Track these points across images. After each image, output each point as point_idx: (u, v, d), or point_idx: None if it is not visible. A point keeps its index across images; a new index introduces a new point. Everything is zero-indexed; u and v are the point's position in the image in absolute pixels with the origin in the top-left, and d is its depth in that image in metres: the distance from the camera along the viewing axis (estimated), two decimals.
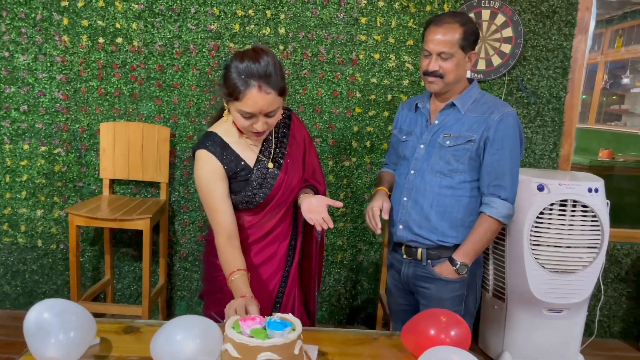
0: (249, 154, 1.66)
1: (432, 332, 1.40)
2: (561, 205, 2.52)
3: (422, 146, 1.85)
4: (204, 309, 1.82)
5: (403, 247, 1.92)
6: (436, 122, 1.84)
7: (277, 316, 1.27)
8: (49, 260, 3.00)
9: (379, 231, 1.81)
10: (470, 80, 1.88)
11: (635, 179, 4.18)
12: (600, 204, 2.54)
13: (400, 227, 1.88)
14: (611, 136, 5.20)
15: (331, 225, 1.62)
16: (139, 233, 2.95)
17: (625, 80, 5.53)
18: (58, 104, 2.85)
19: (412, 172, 1.86)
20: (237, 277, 1.50)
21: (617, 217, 2.65)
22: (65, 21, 2.78)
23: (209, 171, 1.60)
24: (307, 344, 1.40)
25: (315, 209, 1.64)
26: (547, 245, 2.55)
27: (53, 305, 1.23)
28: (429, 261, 1.86)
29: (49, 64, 2.81)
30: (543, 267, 2.56)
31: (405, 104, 2.04)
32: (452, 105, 1.82)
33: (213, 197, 1.60)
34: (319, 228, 1.63)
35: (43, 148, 2.88)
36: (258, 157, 1.67)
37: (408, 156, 1.89)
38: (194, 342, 1.18)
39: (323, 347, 1.44)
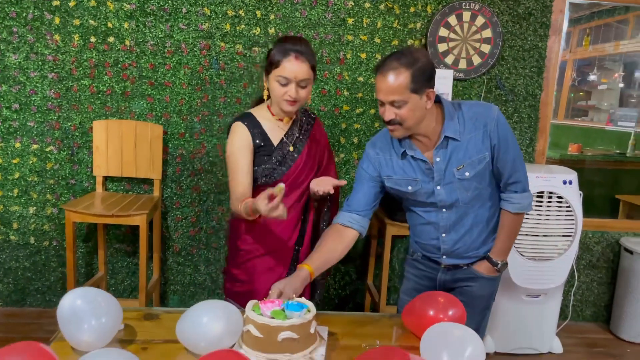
0: (275, 134, 1.89)
1: (431, 312, 1.53)
2: (538, 196, 2.69)
3: (438, 187, 1.74)
4: (225, 282, 2.05)
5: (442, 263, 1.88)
6: (438, 159, 1.71)
7: (293, 298, 1.37)
8: (41, 257, 3.02)
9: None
10: (438, 99, 1.73)
11: (602, 172, 4.41)
12: (574, 195, 2.72)
13: (444, 257, 1.85)
14: (579, 131, 5.43)
15: (333, 192, 1.89)
16: (132, 229, 3.01)
17: (592, 77, 5.76)
18: (50, 102, 2.87)
19: (443, 210, 1.78)
20: (244, 204, 1.73)
21: (586, 208, 2.84)
22: (57, 20, 2.80)
23: (240, 141, 1.84)
24: (317, 326, 1.51)
25: (323, 183, 1.91)
26: (526, 235, 2.72)
27: (84, 293, 1.31)
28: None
29: (40, 63, 2.83)
30: (522, 255, 2.73)
31: (378, 149, 1.84)
32: (446, 138, 1.70)
33: (238, 167, 1.83)
34: (323, 193, 1.87)
35: (35, 146, 2.90)
36: (282, 139, 1.90)
37: (426, 200, 1.79)
38: (218, 324, 1.28)
39: (332, 328, 1.55)
